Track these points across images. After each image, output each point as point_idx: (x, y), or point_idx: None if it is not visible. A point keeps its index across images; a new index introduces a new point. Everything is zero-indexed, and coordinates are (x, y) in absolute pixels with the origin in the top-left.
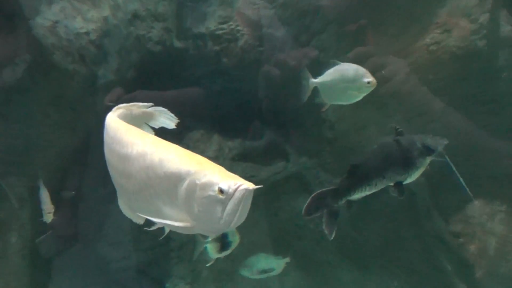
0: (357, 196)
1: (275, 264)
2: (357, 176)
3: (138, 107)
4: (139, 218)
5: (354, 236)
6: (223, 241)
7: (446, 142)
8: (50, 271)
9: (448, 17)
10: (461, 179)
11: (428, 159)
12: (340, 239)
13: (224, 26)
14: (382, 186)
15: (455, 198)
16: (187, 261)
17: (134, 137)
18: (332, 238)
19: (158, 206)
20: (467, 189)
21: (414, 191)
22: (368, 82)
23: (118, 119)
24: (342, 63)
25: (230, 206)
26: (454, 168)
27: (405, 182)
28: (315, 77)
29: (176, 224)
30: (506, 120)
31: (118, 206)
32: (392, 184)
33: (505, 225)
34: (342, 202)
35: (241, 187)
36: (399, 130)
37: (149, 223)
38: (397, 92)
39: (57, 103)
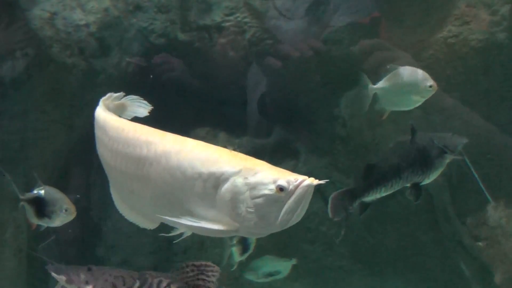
0: (372, 197)
1: (282, 266)
2: (373, 176)
3: (111, 100)
4: (151, 223)
5: (368, 240)
6: (244, 244)
7: (465, 141)
8: (47, 275)
9: (467, 9)
10: (479, 180)
11: (447, 159)
12: (354, 243)
13: (231, 17)
14: (399, 188)
15: (474, 200)
16: None
17: (149, 136)
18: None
19: (186, 210)
20: (485, 191)
21: (431, 192)
22: (430, 86)
23: (117, 116)
24: (401, 67)
25: (289, 204)
26: (472, 169)
27: (422, 183)
28: (374, 83)
29: (217, 227)
30: None
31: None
32: (408, 185)
33: None
34: (357, 203)
35: (304, 183)
36: (416, 128)
37: (165, 229)
38: None
39: (54, 99)
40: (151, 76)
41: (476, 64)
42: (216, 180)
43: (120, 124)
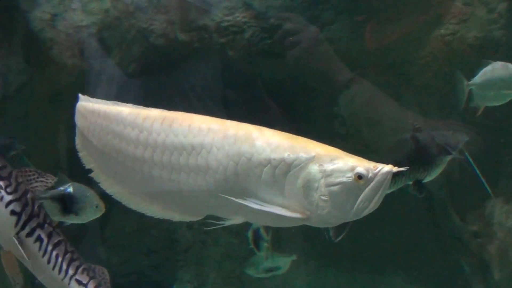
0: None
1: (282, 262)
2: None
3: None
4: (193, 216)
5: (368, 237)
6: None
7: (466, 139)
8: None
9: (464, 6)
10: (481, 177)
11: (448, 157)
12: (354, 240)
13: (230, 17)
14: (401, 185)
15: (473, 196)
16: (193, 264)
17: (203, 123)
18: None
19: (250, 198)
20: (488, 187)
21: (431, 189)
22: None
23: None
24: (494, 62)
25: (366, 192)
26: (474, 166)
27: (424, 181)
28: (469, 79)
29: (289, 214)
30: None
31: (121, 207)
32: (410, 182)
33: None
34: None
35: (383, 170)
36: (418, 126)
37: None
38: (413, 85)
39: (55, 100)
40: None
41: (473, 61)
42: (287, 167)
43: (156, 113)
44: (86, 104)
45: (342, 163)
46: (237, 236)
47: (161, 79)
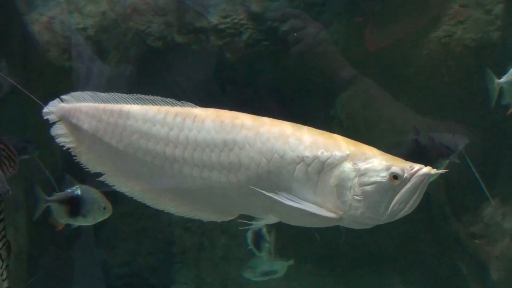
0: None
1: (279, 266)
2: None
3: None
4: (226, 215)
5: (366, 239)
6: (258, 235)
7: (466, 141)
8: (47, 275)
9: (461, 8)
10: (480, 180)
11: (448, 160)
12: (352, 242)
13: (227, 20)
14: None
15: (470, 198)
16: (190, 266)
17: (235, 119)
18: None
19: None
20: (486, 190)
21: (428, 191)
22: None
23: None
24: None
25: (402, 194)
26: (474, 170)
27: None
28: (499, 77)
29: (322, 213)
30: None
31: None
32: None
33: None
34: None
35: (421, 172)
36: (416, 128)
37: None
38: (410, 86)
39: None
40: None
41: (470, 63)
42: (321, 165)
43: (186, 110)
44: (96, 104)
45: (377, 162)
46: (235, 238)
47: (159, 81)
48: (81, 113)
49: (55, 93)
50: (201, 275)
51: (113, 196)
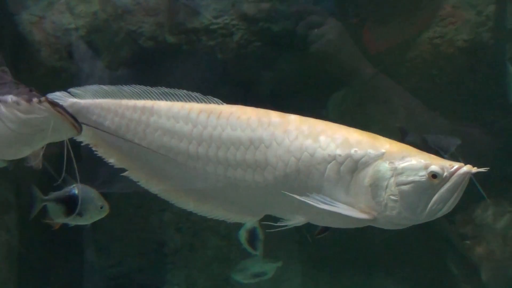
0: None
1: (268, 267)
2: None
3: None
4: (250, 216)
5: (357, 239)
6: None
7: (458, 142)
8: (38, 278)
9: (452, 9)
10: (474, 180)
11: None
12: (343, 242)
13: (219, 20)
14: None
15: (461, 199)
16: (182, 267)
17: (262, 117)
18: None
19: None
20: (481, 190)
21: None
22: None
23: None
24: None
25: (441, 193)
26: None
27: None
28: None
29: (356, 215)
30: None
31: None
32: None
33: None
34: None
35: (461, 171)
36: (404, 129)
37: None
38: (400, 88)
39: None
40: None
41: (461, 64)
42: (354, 164)
43: (211, 107)
44: (117, 100)
45: (415, 161)
46: (226, 239)
47: (150, 81)
48: (102, 109)
49: (46, 93)
50: (192, 276)
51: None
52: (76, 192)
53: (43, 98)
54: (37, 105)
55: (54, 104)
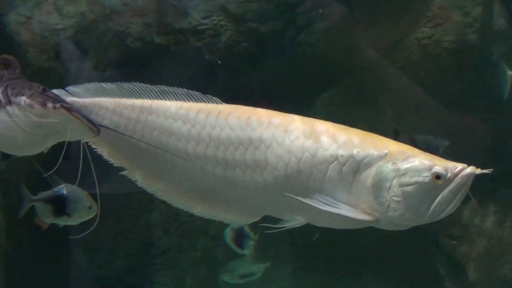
0: None
1: (256, 268)
2: None
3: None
4: (250, 217)
5: (345, 239)
6: (239, 233)
7: (447, 143)
8: (26, 276)
9: (440, 10)
10: None
11: None
12: (331, 243)
13: (207, 21)
14: None
15: None
16: (170, 267)
17: (262, 116)
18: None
19: (311, 196)
20: (468, 190)
21: None
22: None
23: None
24: None
25: (445, 194)
26: None
27: None
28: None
29: (359, 216)
30: (502, 116)
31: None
32: None
33: (499, 226)
34: None
35: (465, 172)
36: (397, 130)
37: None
38: (388, 88)
39: None
40: None
41: (448, 65)
42: (356, 164)
43: (210, 106)
44: (116, 99)
45: (418, 162)
46: (214, 239)
47: (138, 82)
48: (101, 108)
49: None
50: (180, 277)
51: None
52: (65, 192)
53: (58, 105)
54: (52, 110)
55: (69, 108)
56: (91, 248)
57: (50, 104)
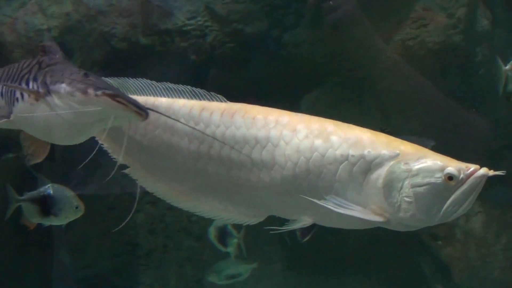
0: None
1: (243, 269)
2: None
3: None
4: (253, 217)
5: (330, 239)
6: (223, 232)
7: (432, 143)
8: (10, 279)
9: (424, 11)
10: None
11: None
12: (315, 243)
13: (192, 21)
14: None
15: None
16: (155, 268)
17: (269, 115)
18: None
19: (321, 197)
20: None
21: None
22: None
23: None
24: None
25: (457, 195)
26: None
27: None
28: (505, 65)
29: (369, 217)
30: (486, 116)
31: None
32: None
33: (483, 226)
34: None
35: (478, 173)
36: (387, 130)
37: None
38: (374, 89)
39: None
40: None
41: (433, 65)
42: (367, 165)
43: (215, 105)
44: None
45: (431, 162)
46: (199, 240)
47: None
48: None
49: None
50: (165, 277)
51: None
52: (51, 192)
53: (99, 92)
54: (94, 98)
55: (112, 95)
56: (77, 249)
57: (91, 91)
